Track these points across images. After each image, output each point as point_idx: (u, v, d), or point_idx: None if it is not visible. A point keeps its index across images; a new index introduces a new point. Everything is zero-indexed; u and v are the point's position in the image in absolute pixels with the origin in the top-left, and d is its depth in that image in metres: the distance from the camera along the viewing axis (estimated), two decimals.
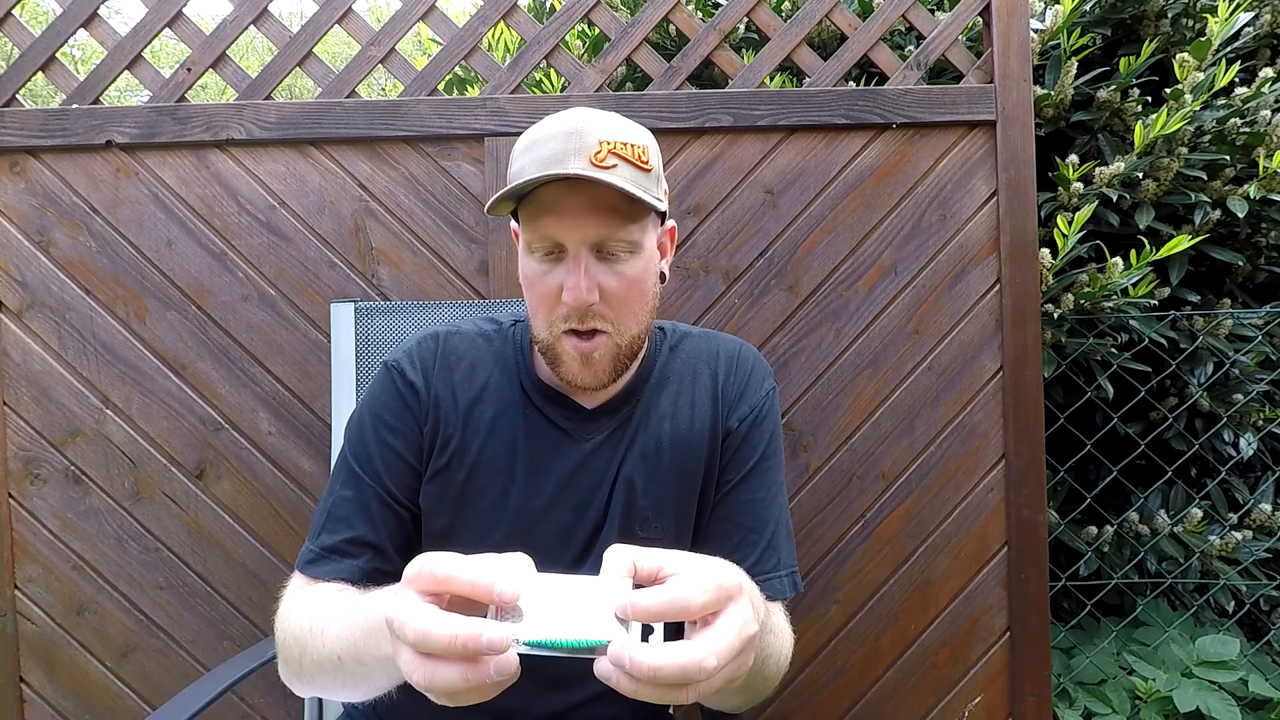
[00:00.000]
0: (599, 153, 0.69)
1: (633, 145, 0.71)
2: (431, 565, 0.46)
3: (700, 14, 1.85)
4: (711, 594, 0.47)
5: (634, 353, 0.79)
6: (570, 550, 0.80)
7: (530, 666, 0.50)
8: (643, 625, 0.47)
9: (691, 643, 0.46)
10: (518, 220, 0.78)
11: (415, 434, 0.81)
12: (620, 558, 0.49)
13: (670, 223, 0.83)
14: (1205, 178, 1.64)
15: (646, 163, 0.72)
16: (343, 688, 0.66)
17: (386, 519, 0.78)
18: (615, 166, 0.69)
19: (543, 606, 0.46)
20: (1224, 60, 1.61)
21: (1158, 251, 1.48)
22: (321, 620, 0.67)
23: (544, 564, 0.80)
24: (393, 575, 0.77)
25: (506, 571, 0.47)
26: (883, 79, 1.68)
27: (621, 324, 0.76)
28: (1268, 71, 1.62)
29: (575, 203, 0.71)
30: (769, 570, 0.81)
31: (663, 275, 0.82)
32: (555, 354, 0.77)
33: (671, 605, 0.46)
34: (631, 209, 0.72)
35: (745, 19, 1.43)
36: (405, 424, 0.81)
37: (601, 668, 0.45)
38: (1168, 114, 1.53)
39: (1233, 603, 1.71)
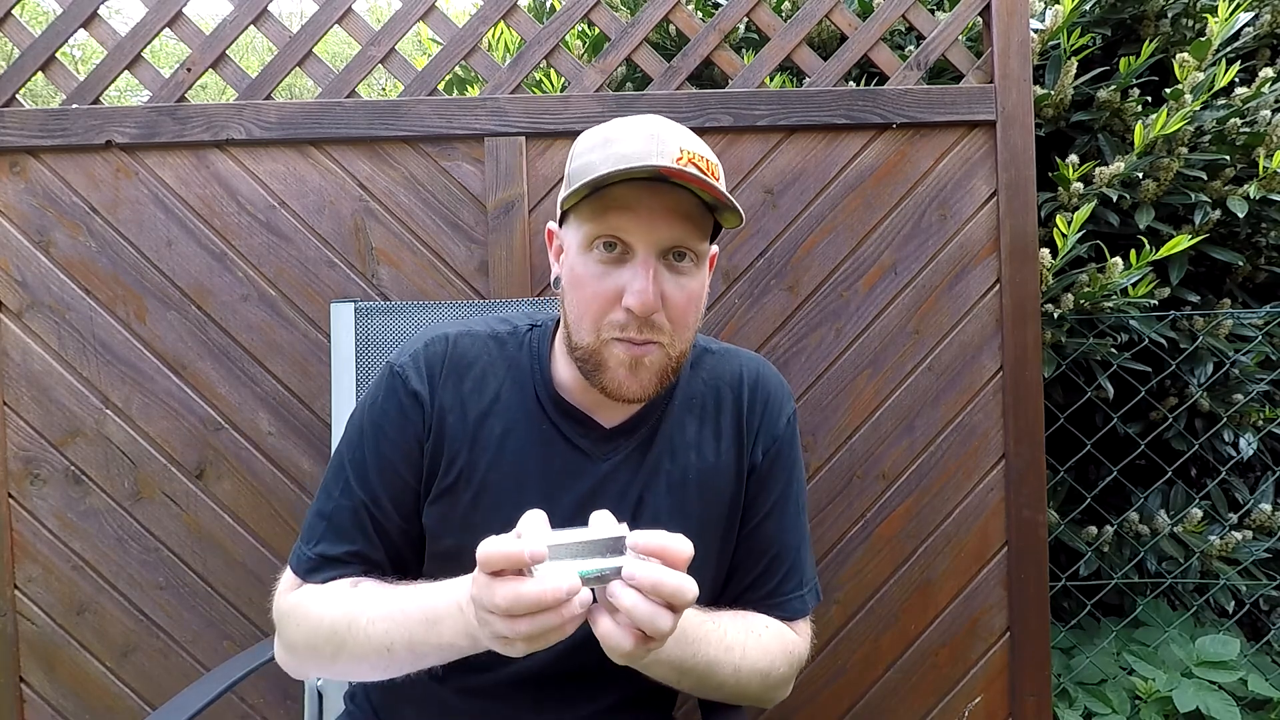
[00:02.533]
0: (680, 158, 0.67)
1: (708, 160, 0.70)
2: (480, 554, 0.55)
3: (700, 14, 1.85)
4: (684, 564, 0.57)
5: (677, 370, 0.76)
6: None
7: (540, 681, 0.54)
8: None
9: (682, 573, 0.56)
10: (560, 223, 0.76)
11: (414, 448, 0.78)
12: (603, 514, 0.58)
13: (714, 248, 0.79)
14: (1205, 178, 1.64)
15: (718, 179, 0.70)
16: (383, 673, 0.70)
17: (381, 531, 0.79)
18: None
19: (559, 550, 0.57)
20: (1224, 60, 1.61)
21: (1158, 251, 1.48)
22: (364, 614, 0.69)
23: None
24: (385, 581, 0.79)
25: (530, 531, 0.55)
26: (883, 79, 1.67)
27: (676, 338, 0.73)
28: (1268, 71, 1.62)
29: (653, 203, 0.68)
30: (791, 591, 0.82)
31: None
32: (599, 360, 0.72)
33: (662, 550, 0.56)
34: (704, 220, 0.71)
35: (745, 19, 1.43)
36: (405, 437, 0.78)
37: (612, 588, 0.54)
38: (1168, 114, 1.53)
39: (1233, 603, 1.71)
